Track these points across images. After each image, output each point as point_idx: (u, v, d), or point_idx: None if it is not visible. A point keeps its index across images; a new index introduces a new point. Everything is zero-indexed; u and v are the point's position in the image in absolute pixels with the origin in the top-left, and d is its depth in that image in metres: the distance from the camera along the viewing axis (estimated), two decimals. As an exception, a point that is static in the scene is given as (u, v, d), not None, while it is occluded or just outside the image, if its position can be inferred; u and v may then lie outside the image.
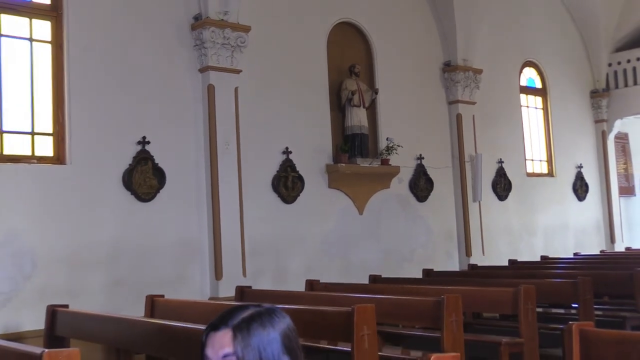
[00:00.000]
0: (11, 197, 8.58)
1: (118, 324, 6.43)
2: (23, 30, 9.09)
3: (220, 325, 1.73)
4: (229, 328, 1.71)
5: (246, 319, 1.72)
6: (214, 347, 1.71)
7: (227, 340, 1.70)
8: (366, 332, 5.70)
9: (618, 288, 9.38)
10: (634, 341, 3.95)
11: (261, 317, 1.73)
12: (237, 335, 1.69)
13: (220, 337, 1.71)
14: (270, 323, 1.73)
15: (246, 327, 1.70)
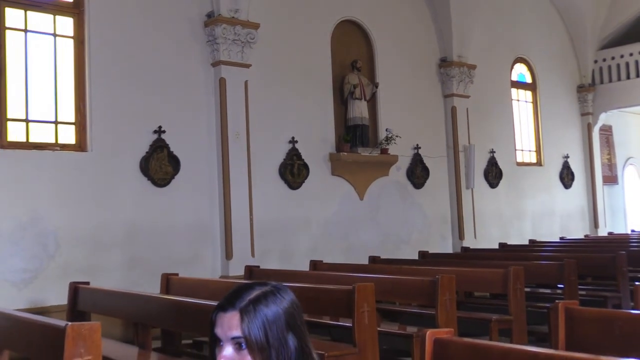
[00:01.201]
0: (36, 181, 8.60)
1: (135, 300, 6.45)
2: (47, 26, 9.08)
3: (227, 307, 1.73)
4: (236, 310, 1.71)
5: (253, 300, 1.72)
6: (222, 327, 1.72)
7: (235, 322, 1.70)
8: (366, 309, 5.71)
9: (601, 270, 9.38)
10: (614, 318, 3.96)
11: (266, 297, 1.73)
12: (244, 317, 1.70)
13: (229, 318, 1.71)
14: (275, 302, 1.73)
15: (253, 308, 1.71)
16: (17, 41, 8.80)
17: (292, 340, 1.70)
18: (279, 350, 1.68)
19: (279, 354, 1.67)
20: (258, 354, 1.67)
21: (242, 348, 1.69)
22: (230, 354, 1.69)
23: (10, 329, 5.09)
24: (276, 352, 1.67)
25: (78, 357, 4.06)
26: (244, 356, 1.68)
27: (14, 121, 8.68)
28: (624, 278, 8.83)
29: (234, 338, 1.69)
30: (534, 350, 3.01)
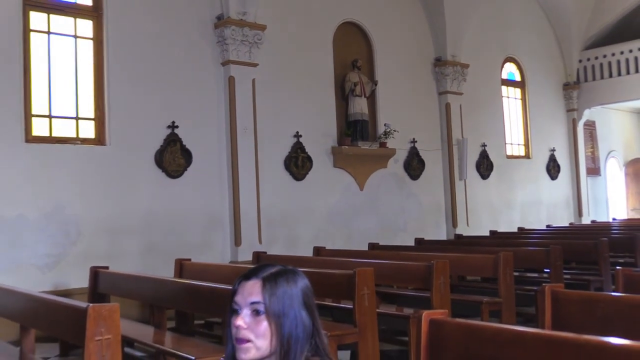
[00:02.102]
0: (59, 173, 8.62)
1: (151, 283, 6.47)
2: (68, 29, 9.08)
3: (251, 276, 1.74)
4: (259, 279, 1.72)
5: (274, 274, 1.73)
6: (243, 294, 1.72)
7: (257, 289, 1.70)
8: (366, 292, 5.73)
9: (584, 255, 9.39)
10: (597, 300, 3.97)
11: (287, 274, 1.74)
12: (266, 286, 1.70)
13: (251, 286, 1.72)
14: (294, 280, 1.74)
15: (274, 280, 1.71)
16: (40, 43, 8.81)
17: (305, 317, 1.71)
18: (293, 322, 1.68)
19: (291, 326, 1.68)
20: (273, 320, 1.67)
21: (259, 314, 1.69)
22: (247, 319, 1.69)
23: (36, 309, 5.12)
24: (289, 323, 1.68)
25: (99, 336, 4.08)
26: (260, 322, 1.68)
27: (38, 117, 8.70)
28: (606, 263, 8.84)
29: (253, 303, 1.69)
30: (522, 330, 3.03)
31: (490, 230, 13.30)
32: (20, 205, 8.27)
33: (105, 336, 4.10)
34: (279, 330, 1.67)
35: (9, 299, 5.62)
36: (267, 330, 1.68)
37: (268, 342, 1.68)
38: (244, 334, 1.68)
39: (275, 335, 1.67)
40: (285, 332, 1.67)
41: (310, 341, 1.71)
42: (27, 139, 8.46)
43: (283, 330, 1.67)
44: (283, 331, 1.67)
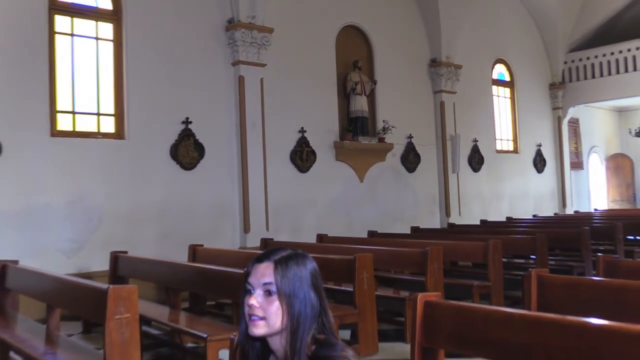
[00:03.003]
0: (82, 165, 8.64)
1: (167, 267, 6.48)
2: (90, 31, 9.08)
3: (264, 259, 1.74)
4: (271, 261, 1.73)
5: (285, 257, 1.74)
6: (256, 275, 1.72)
7: (269, 271, 1.71)
8: (365, 276, 5.75)
9: (567, 243, 9.39)
10: (579, 284, 3.98)
11: (297, 258, 1.75)
12: (278, 268, 1.71)
13: (263, 268, 1.72)
14: (303, 263, 1.74)
15: (285, 263, 1.72)
16: (65, 44, 8.81)
17: (313, 297, 1.72)
18: (302, 301, 1.68)
19: (301, 305, 1.68)
20: (284, 299, 1.68)
21: (271, 294, 1.69)
22: (260, 298, 1.70)
23: (61, 290, 5.14)
24: (299, 302, 1.68)
25: (118, 315, 4.10)
26: (272, 301, 1.69)
27: (63, 113, 8.71)
28: (588, 250, 8.85)
29: (266, 284, 1.70)
30: (510, 311, 3.04)
31: (481, 219, 13.31)
32: (47, 195, 8.30)
33: (124, 315, 4.11)
34: (289, 309, 1.68)
35: (36, 280, 5.65)
36: (278, 309, 1.68)
37: (279, 320, 1.68)
38: (257, 312, 1.69)
39: (286, 313, 1.68)
40: (295, 310, 1.68)
41: (317, 320, 1.72)
42: (52, 133, 8.47)
43: (293, 309, 1.68)
44: (293, 310, 1.68)
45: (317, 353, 1.66)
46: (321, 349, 1.67)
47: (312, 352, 1.67)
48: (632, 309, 3.56)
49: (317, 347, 1.68)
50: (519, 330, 2.87)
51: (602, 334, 2.64)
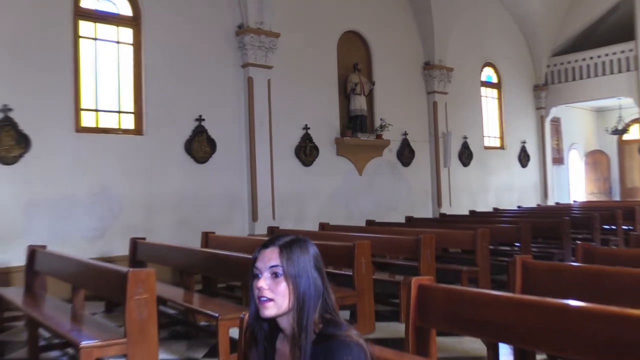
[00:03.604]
0: (104, 159, 8.65)
1: (182, 252, 6.50)
2: (112, 36, 9.07)
3: (269, 245, 1.74)
4: (276, 247, 1.72)
5: (289, 242, 1.73)
6: (263, 260, 1.72)
7: (275, 255, 1.70)
8: (363, 261, 5.75)
9: (549, 232, 9.38)
10: (560, 269, 3.99)
11: (299, 242, 1.74)
12: (283, 252, 1.70)
13: (269, 252, 1.72)
14: (306, 247, 1.74)
15: (289, 247, 1.72)
16: (88, 48, 8.80)
17: (317, 278, 1.72)
18: (307, 282, 1.68)
19: (305, 286, 1.68)
20: (290, 280, 1.68)
21: (277, 276, 1.69)
22: (268, 281, 1.70)
23: (85, 273, 5.16)
24: (304, 283, 1.68)
25: (137, 295, 4.11)
26: (279, 283, 1.68)
27: (87, 111, 8.71)
28: (567, 238, 8.85)
29: (272, 267, 1.69)
30: (497, 294, 3.04)
31: (470, 210, 13.30)
32: (72, 186, 8.31)
33: (143, 296, 4.13)
34: (295, 290, 1.67)
35: (63, 264, 5.67)
36: (285, 289, 1.68)
37: (287, 300, 1.68)
38: (265, 293, 1.69)
39: (292, 293, 1.68)
40: (301, 290, 1.68)
41: (321, 298, 1.72)
42: (77, 129, 8.48)
43: (299, 289, 1.67)
44: (299, 290, 1.67)
45: (324, 331, 1.67)
46: (328, 327, 1.67)
47: (319, 330, 1.68)
48: (607, 292, 3.57)
49: (324, 325, 1.69)
50: (504, 311, 2.88)
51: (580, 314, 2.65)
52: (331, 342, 1.61)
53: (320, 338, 1.65)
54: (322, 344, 1.62)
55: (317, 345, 1.63)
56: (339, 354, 1.57)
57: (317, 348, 1.63)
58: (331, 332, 1.65)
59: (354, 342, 1.60)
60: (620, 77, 16.63)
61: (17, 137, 7.84)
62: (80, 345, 3.90)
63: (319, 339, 1.65)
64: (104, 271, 4.69)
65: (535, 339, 2.78)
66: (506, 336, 2.95)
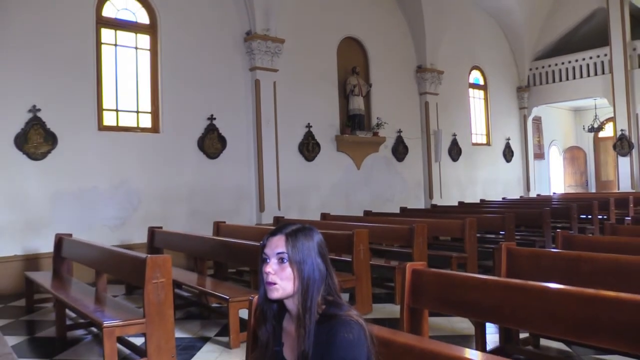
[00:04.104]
0: (124, 155, 8.65)
1: (195, 240, 6.51)
2: (130, 42, 9.04)
3: (277, 233, 1.74)
4: (282, 234, 1.72)
5: (295, 230, 1.73)
6: (270, 247, 1.72)
7: (281, 242, 1.70)
8: (362, 248, 5.76)
9: (531, 221, 9.40)
10: (541, 255, 3.99)
11: (305, 230, 1.74)
12: (289, 239, 1.70)
13: (276, 240, 1.71)
14: (311, 235, 1.73)
15: (295, 235, 1.71)
16: (109, 53, 8.78)
17: (320, 264, 1.72)
18: (310, 267, 1.68)
19: (309, 270, 1.68)
20: (295, 266, 1.67)
21: (283, 262, 1.68)
22: (274, 266, 1.70)
23: (107, 259, 5.17)
24: (308, 268, 1.68)
25: (155, 279, 4.12)
26: (285, 268, 1.68)
27: (108, 110, 8.69)
28: (548, 227, 8.86)
29: (279, 253, 1.69)
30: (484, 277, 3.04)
31: (459, 201, 13.30)
32: (95, 180, 8.32)
33: (160, 280, 4.13)
34: (300, 274, 1.67)
35: (87, 250, 5.68)
36: (290, 274, 1.68)
37: (292, 284, 1.68)
38: (272, 278, 1.68)
39: (297, 277, 1.67)
40: (305, 275, 1.67)
41: (325, 282, 1.72)
42: (99, 127, 8.47)
43: (303, 274, 1.67)
44: (303, 275, 1.67)
45: (327, 312, 1.67)
46: (330, 308, 1.67)
47: (322, 311, 1.68)
48: (584, 275, 3.57)
49: (327, 306, 1.68)
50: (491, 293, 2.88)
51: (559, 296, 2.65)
52: (333, 321, 1.61)
53: (323, 318, 1.65)
54: (325, 324, 1.63)
55: (320, 325, 1.64)
56: (341, 332, 1.57)
57: (320, 327, 1.63)
58: (333, 313, 1.65)
59: (354, 321, 1.61)
60: (596, 80, 16.62)
61: (45, 135, 7.83)
62: (103, 325, 3.91)
63: (322, 319, 1.65)
64: (125, 257, 4.69)
65: (519, 318, 2.79)
66: (492, 316, 2.96)
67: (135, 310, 4.40)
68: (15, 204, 7.61)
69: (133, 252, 4.92)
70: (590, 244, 4.66)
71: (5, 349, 3.30)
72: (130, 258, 4.55)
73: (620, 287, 2.86)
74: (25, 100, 7.73)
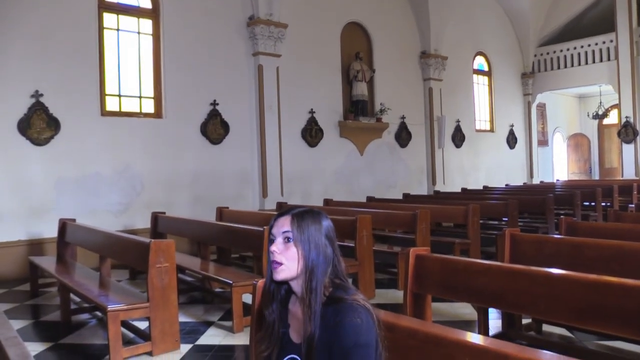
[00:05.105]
0: (127, 140, 8.65)
1: (198, 225, 6.52)
2: (133, 27, 9.00)
3: (285, 213, 1.74)
4: (289, 215, 1.72)
5: (302, 212, 1.73)
6: (277, 226, 1.72)
7: (287, 222, 1.70)
8: (364, 234, 5.77)
9: (534, 208, 9.39)
10: (545, 241, 3.99)
11: (313, 213, 1.74)
12: (295, 220, 1.70)
13: (283, 220, 1.71)
14: (318, 218, 1.73)
15: (301, 216, 1.71)
16: (112, 38, 8.74)
17: (328, 248, 1.71)
18: (316, 250, 1.67)
19: (314, 253, 1.67)
20: (299, 246, 1.67)
21: (288, 241, 1.68)
22: (280, 245, 1.70)
23: (111, 244, 5.19)
24: (313, 249, 1.67)
25: (159, 264, 4.14)
26: (289, 247, 1.68)
27: (110, 96, 8.68)
28: (551, 214, 8.85)
29: (284, 232, 1.69)
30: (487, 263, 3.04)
31: (462, 187, 13.30)
32: (98, 165, 8.33)
33: (163, 264, 4.16)
34: (304, 255, 1.67)
35: (91, 235, 5.70)
36: (295, 254, 1.67)
37: (296, 264, 1.67)
38: (277, 257, 1.69)
39: (301, 258, 1.67)
40: (309, 256, 1.67)
41: (331, 265, 1.72)
42: (102, 113, 8.46)
43: (307, 255, 1.67)
44: (307, 255, 1.67)
45: (333, 294, 1.67)
46: (337, 291, 1.67)
47: (329, 293, 1.68)
48: (587, 261, 3.57)
49: (334, 289, 1.69)
50: (494, 278, 2.89)
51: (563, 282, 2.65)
52: (340, 305, 1.61)
53: (330, 300, 1.66)
54: (332, 306, 1.63)
55: (327, 307, 1.64)
56: (350, 317, 1.57)
57: (328, 309, 1.63)
58: (340, 296, 1.65)
59: (361, 306, 1.61)
60: (601, 66, 16.50)
61: (48, 120, 7.83)
62: (108, 309, 3.94)
63: (329, 301, 1.65)
64: (129, 242, 4.71)
65: (522, 304, 2.79)
66: (496, 301, 2.96)
67: (139, 295, 4.42)
68: (18, 189, 7.63)
69: (137, 237, 4.94)
70: (594, 230, 4.66)
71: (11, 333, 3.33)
72: (134, 243, 4.57)
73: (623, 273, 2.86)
74: (27, 85, 7.71)
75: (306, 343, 1.63)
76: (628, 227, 4.63)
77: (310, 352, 1.62)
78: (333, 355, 1.57)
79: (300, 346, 1.68)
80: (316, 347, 1.61)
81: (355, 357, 1.55)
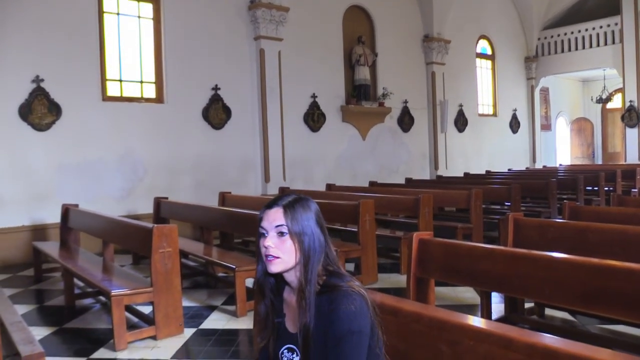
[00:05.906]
0: (129, 125, 8.63)
1: (201, 210, 6.53)
2: (133, 11, 8.94)
3: (273, 205, 1.69)
4: (279, 206, 1.68)
5: (292, 202, 1.69)
6: (268, 220, 1.67)
7: (279, 215, 1.66)
8: (367, 219, 5.77)
9: (537, 192, 9.37)
10: (548, 225, 3.99)
11: (302, 201, 1.70)
12: (287, 212, 1.66)
13: (273, 213, 1.67)
14: (308, 205, 1.70)
15: (292, 206, 1.67)
16: (112, 22, 8.68)
17: (319, 233, 1.69)
18: (310, 238, 1.65)
19: (310, 241, 1.65)
20: (295, 238, 1.64)
21: (283, 235, 1.65)
22: (274, 240, 1.67)
23: (114, 229, 5.20)
24: (308, 239, 1.65)
25: (162, 249, 4.16)
26: (285, 241, 1.65)
27: (112, 81, 8.64)
28: (554, 198, 8.85)
29: (278, 226, 1.66)
30: (490, 247, 3.04)
31: (464, 172, 13.27)
32: (100, 151, 8.32)
33: (167, 249, 4.17)
34: (301, 246, 1.64)
35: (94, 221, 5.71)
36: (291, 247, 1.65)
37: (293, 256, 1.65)
38: (273, 252, 1.65)
39: (298, 249, 1.65)
40: (306, 246, 1.65)
41: (324, 252, 1.70)
42: (103, 98, 8.44)
43: (304, 245, 1.64)
44: (304, 246, 1.64)
45: (328, 282, 1.65)
46: (331, 279, 1.66)
47: (323, 281, 1.66)
48: (590, 245, 3.57)
49: (328, 277, 1.67)
50: (497, 262, 2.89)
51: (567, 266, 2.65)
52: (335, 292, 1.60)
53: (325, 289, 1.64)
54: (327, 295, 1.61)
55: (322, 295, 1.62)
56: (344, 304, 1.56)
57: (322, 297, 1.62)
58: (334, 283, 1.63)
59: (356, 292, 1.59)
60: (605, 50, 16.39)
61: (49, 105, 7.81)
62: (112, 294, 3.96)
63: (323, 290, 1.64)
64: (132, 227, 4.72)
65: (525, 288, 2.80)
66: (499, 285, 2.97)
67: (142, 280, 4.44)
68: (21, 174, 7.64)
69: (140, 222, 4.94)
70: (597, 214, 4.65)
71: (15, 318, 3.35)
72: (137, 228, 4.57)
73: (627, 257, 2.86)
74: (28, 70, 7.68)
75: (302, 333, 1.63)
76: (631, 212, 4.63)
77: (307, 342, 1.61)
78: (327, 343, 1.57)
79: (296, 336, 1.67)
80: (312, 337, 1.60)
81: (348, 344, 1.54)
